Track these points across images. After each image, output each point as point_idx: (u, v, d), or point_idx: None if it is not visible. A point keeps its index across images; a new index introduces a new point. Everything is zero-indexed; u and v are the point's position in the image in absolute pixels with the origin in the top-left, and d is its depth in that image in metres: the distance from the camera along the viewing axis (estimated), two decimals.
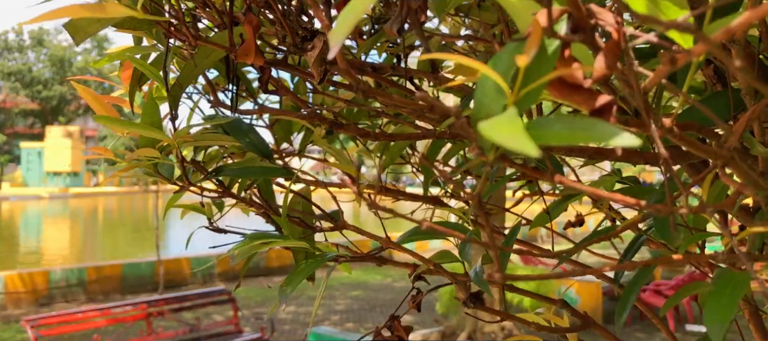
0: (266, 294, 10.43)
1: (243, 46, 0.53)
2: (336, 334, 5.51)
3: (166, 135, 0.64)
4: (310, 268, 0.56)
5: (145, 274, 10.94)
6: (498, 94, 0.27)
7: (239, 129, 0.68)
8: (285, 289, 0.54)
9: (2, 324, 8.57)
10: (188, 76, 0.65)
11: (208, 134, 0.69)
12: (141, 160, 0.67)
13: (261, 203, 0.71)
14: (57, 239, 23.49)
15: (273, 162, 0.68)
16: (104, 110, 0.69)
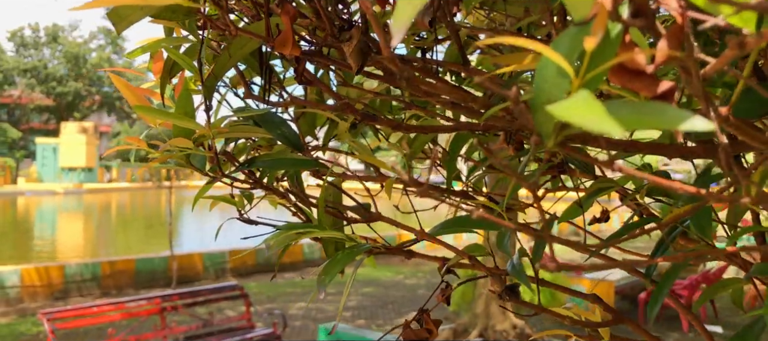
0: (278, 289, 10.47)
1: (280, 36, 0.53)
2: (348, 330, 5.52)
3: (201, 126, 0.64)
4: (348, 258, 0.56)
5: (158, 269, 11.03)
6: (560, 78, 0.26)
7: (271, 121, 0.68)
8: (323, 279, 0.54)
9: (19, 317, 8.69)
10: (223, 67, 0.65)
11: (239, 125, 0.69)
12: (173, 151, 0.67)
13: (298, 194, 0.71)
14: (71, 234, 23.76)
15: (304, 154, 0.68)
16: (139, 101, 0.69)
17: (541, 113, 0.27)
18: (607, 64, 0.26)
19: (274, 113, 0.69)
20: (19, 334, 7.61)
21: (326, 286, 0.58)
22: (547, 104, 0.26)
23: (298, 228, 0.64)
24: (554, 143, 0.27)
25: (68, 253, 17.53)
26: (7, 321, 8.43)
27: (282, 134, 0.67)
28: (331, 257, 0.68)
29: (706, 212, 0.58)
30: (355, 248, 0.56)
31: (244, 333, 5.93)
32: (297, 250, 13.42)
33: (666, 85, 0.26)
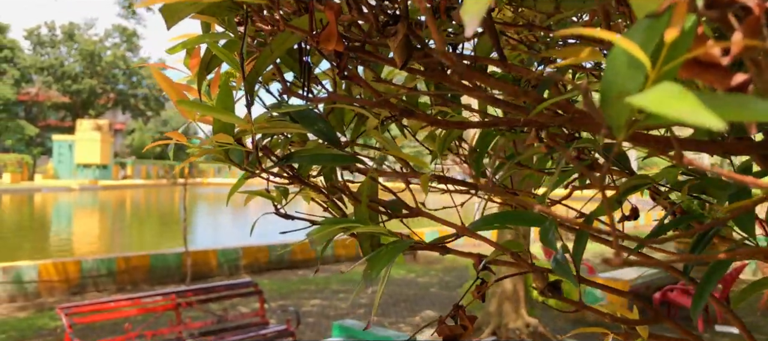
0: (291, 286, 10.52)
1: (325, 31, 0.52)
2: (359, 327, 5.53)
3: (242, 120, 0.64)
4: (393, 253, 0.55)
5: (173, 265, 11.12)
6: (634, 70, 0.26)
7: (308, 117, 0.68)
8: (370, 273, 0.54)
9: (37, 311, 8.81)
10: (264, 63, 0.65)
11: (276, 121, 0.70)
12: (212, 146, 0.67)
13: (341, 189, 0.71)
14: (86, 230, 24.04)
15: (341, 150, 0.68)
16: (179, 96, 0.70)
17: (614, 105, 0.26)
18: (684, 56, 0.25)
19: (311, 109, 0.69)
20: (37, 328, 7.71)
21: (373, 280, 0.57)
22: (619, 96, 0.26)
23: (341, 223, 0.64)
24: (625, 135, 0.27)
25: (83, 249, 17.74)
26: (26, 315, 8.56)
27: (319, 130, 0.67)
28: (366, 253, 0.68)
29: (750, 211, 0.57)
30: (399, 244, 0.56)
31: (258, 329, 5.96)
32: (309, 247, 13.45)
33: (740, 77, 0.26)
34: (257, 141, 0.68)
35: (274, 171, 0.74)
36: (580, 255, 0.51)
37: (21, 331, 7.55)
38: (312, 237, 0.64)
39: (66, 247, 18.41)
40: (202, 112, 0.64)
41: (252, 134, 0.66)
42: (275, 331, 5.89)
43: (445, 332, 0.84)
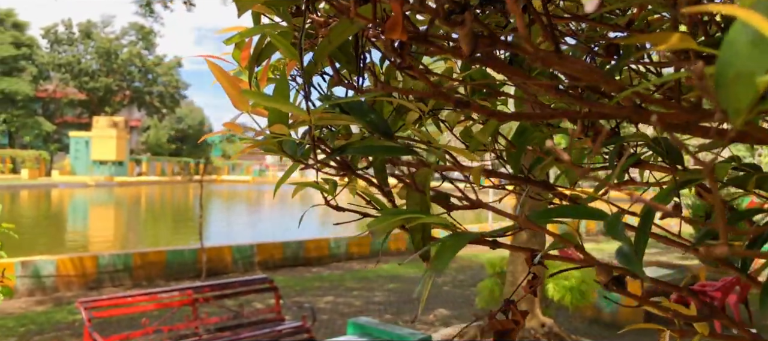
0: (305, 283, 10.56)
1: (390, 20, 0.52)
2: (375, 324, 5.53)
3: (303, 111, 0.64)
4: (459, 244, 0.54)
5: (188, 261, 11.21)
6: (759, 48, 0.25)
7: (359, 109, 0.67)
8: (437, 265, 0.53)
9: (55, 305, 8.92)
10: (322, 53, 0.64)
11: (329, 113, 0.69)
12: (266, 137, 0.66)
13: (404, 180, 0.70)
14: (102, 226, 24.32)
15: (395, 141, 0.67)
16: (232, 87, 0.69)
17: (732, 87, 0.25)
18: None
19: (363, 101, 0.68)
20: (55, 322, 7.82)
21: (442, 271, 0.56)
22: (738, 78, 0.24)
23: (402, 214, 0.62)
24: (743, 121, 0.25)
25: (99, 244, 17.95)
26: (44, 309, 8.67)
27: (371, 122, 0.66)
28: (417, 246, 0.67)
29: None
30: (463, 236, 0.55)
31: (273, 325, 5.98)
32: (324, 245, 13.51)
33: None
34: (313, 132, 0.67)
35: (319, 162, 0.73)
36: (643, 249, 0.50)
37: (39, 325, 7.66)
38: (373, 228, 0.63)
39: (82, 242, 18.64)
40: (266, 103, 0.64)
41: (310, 125, 0.66)
42: (291, 328, 5.90)
43: (497, 327, 0.83)
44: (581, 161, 0.90)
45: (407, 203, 0.68)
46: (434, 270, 0.54)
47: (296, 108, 0.64)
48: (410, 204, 0.68)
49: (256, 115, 0.72)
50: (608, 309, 8.36)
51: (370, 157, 0.75)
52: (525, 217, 0.56)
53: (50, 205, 31.97)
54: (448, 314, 8.62)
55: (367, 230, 0.63)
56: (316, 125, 0.68)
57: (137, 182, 53.49)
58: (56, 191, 41.33)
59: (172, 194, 45.32)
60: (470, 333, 6.94)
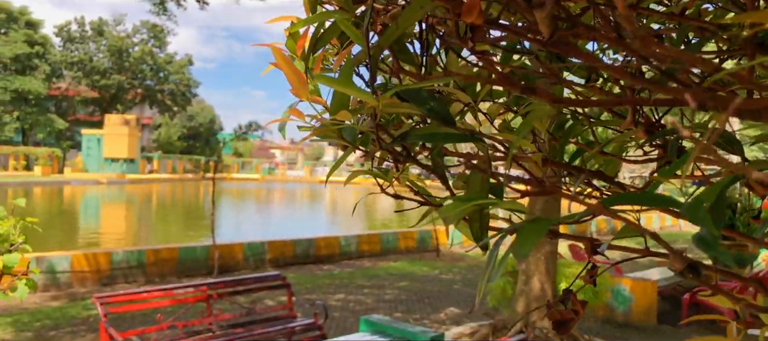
0: (316, 281, 10.60)
1: (467, 4, 0.52)
2: (387, 322, 5.54)
3: (371, 97, 0.65)
4: (542, 229, 0.54)
5: (200, 258, 11.29)
6: None
7: (419, 96, 0.68)
8: (520, 251, 0.52)
9: (69, 300, 9.03)
10: (389, 39, 0.65)
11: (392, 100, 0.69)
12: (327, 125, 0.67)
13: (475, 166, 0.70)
14: (114, 222, 24.53)
15: (456, 128, 0.68)
16: (294, 74, 0.70)
17: None
18: None
19: (422, 89, 0.69)
20: (70, 317, 7.91)
21: (525, 257, 0.56)
22: None
23: (473, 200, 0.63)
24: None
25: (111, 241, 18.11)
26: (59, 304, 8.78)
27: (431, 109, 0.67)
28: (475, 235, 0.68)
29: None
30: (544, 222, 0.55)
31: (286, 322, 6.02)
32: (334, 243, 13.56)
33: None
34: (378, 118, 0.68)
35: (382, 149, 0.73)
36: (719, 233, 0.50)
37: (55, 320, 7.75)
38: (445, 215, 0.64)
39: (94, 239, 18.81)
40: (337, 86, 0.64)
41: (377, 111, 0.66)
42: (303, 324, 5.94)
43: (556, 317, 0.84)
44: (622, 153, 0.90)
45: (469, 188, 0.69)
46: (517, 257, 0.54)
47: (365, 93, 0.65)
48: (472, 190, 0.69)
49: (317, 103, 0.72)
50: (620, 309, 8.33)
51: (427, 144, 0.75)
52: (600, 204, 0.57)
53: (63, 202, 32.28)
54: (459, 312, 8.63)
55: (440, 216, 0.64)
56: (368, 114, 0.69)
57: (148, 180, 53.88)
58: (68, 188, 41.71)
59: (182, 191, 45.60)
60: (482, 332, 6.95)
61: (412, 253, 14.87)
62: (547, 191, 0.69)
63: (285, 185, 61.12)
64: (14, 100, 56.80)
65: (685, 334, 7.78)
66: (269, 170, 78.76)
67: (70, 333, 7.14)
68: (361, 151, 0.73)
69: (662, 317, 8.60)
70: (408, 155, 0.74)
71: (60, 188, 41.42)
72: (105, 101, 65.56)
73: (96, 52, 65.34)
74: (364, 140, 0.72)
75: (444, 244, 15.75)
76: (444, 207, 0.64)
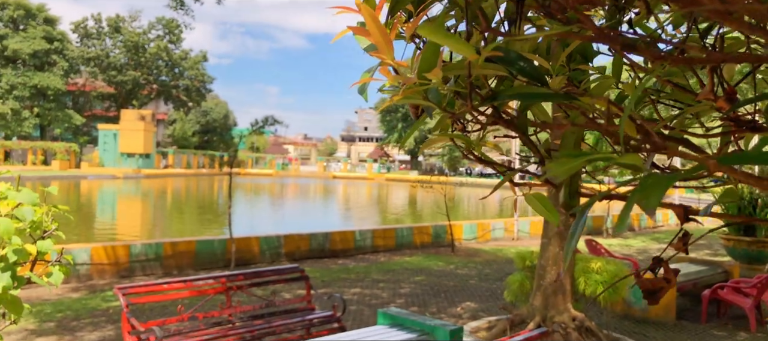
0: (332, 274, 10.64)
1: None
2: (405, 315, 5.54)
3: (473, 51, 0.64)
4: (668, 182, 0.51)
5: (217, 251, 11.38)
6: None
7: (509, 57, 0.67)
8: (648, 203, 0.51)
9: (89, 292, 9.15)
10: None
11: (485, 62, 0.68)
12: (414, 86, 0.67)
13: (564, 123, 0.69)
14: (130, 216, 24.81)
15: (548, 87, 0.67)
16: (382, 34, 0.69)
17: None
18: None
19: (510, 50, 0.68)
20: (90, 309, 8.02)
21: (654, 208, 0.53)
22: None
23: (585, 156, 0.61)
24: None
25: (127, 234, 18.32)
26: (79, 295, 8.90)
27: (522, 69, 0.66)
28: (565, 200, 0.66)
29: None
30: (671, 176, 0.52)
31: (304, 314, 6.05)
32: (349, 237, 13.59)
33: None
34: (471, 77, 0.66)
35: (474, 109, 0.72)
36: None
37: (76, 311, 7.86)
38: (553, 174, 0.62)
39: (111, 232, 19.04)
40: (438, 39, 0.63)
41: (477, 67, 0.65)
42: (321, 317, 5.96)
43: (647, 286, 0.82)
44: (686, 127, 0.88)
45: (562, 147, 0.68)
46: (645, 207, 0.52)
47: (466, 46, 0.63)
48: (566, 148, 0.68)
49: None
50: (639, 305, 8.25)
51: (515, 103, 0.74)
52: (715, 161, 0.55)
53: (80, 196, 32.69)
54: (476, 307, 8.61)
55: (547, 175, 0.62)
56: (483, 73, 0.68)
57: (164, 175, 54.39)
58: (85, 183, 42.24)
59: (197, 186, 45.96)
60: (500, 327, 6.92)
61: (427, 248, 14.87)
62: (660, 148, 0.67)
63: (298, 180, 61.37)
64: (33, 95, 57.62)
65: (704, 330, 7.69)
66: (283, 166, 79.14)
67: (90, 324, 7.24)
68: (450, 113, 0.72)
69: (681, 313, 8.52)
70: (498, 116, 0.73)
71: (77, 182, 41.94)
72: (121, 97, 66.24)
73: (112, 48, 66.01)
74: (449, 102, 0.71)
75: (459, 240, 15.72)
76: (550, 165, 0.63)
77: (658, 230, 22.18)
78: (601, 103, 0.72)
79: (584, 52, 0.75)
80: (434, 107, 0.69)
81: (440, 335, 5.10)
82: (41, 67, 58.74)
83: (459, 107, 0.72)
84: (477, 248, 15.38)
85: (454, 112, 0.72)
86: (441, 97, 0.70)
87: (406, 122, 77.01)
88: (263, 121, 59.49)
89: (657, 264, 0.83)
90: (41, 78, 56.98)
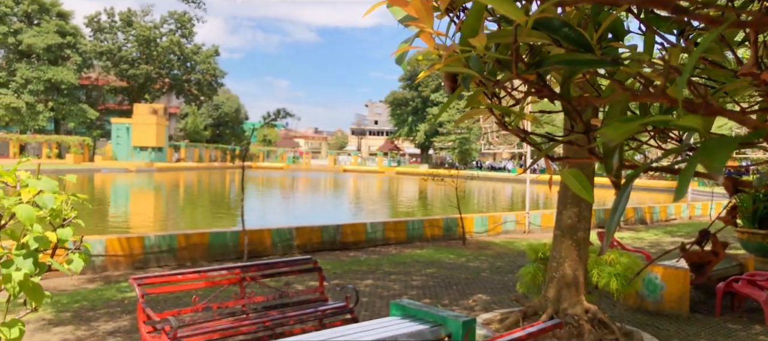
0: (343, 266, 10.68)
1: None
2: (418, 306, 5.55)
3: (521, 12, 0.63)
4: (732, 144, 0.50)
5: (230, 243, 11.46)
6: None
7: (551, 24, 0.66)
8: (713, 164, 0.49)
9: (104, 283, 9.26)
10: None
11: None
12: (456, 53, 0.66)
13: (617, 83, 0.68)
14: (143, 209, 25.04)
15: (594, 54, 0.66)
16: (421, 2, 0.69)
17: None
18: None
19: (552, 18, 0.67)
20: (106, 299, 8.12)
21: (719, 170, 0.51)
22: None
23: (638, 120, 0.60)
24: None
25: (141, 226, 18.49)
26: (95, 286, 9.01)
27: (566, 36, 0.66)
28: (609, 169, 0.65)
29: None
30: (732, 138, 0.51)
31: (317, 305, 6.08)
32: (360, 229, 13.62)
33: None
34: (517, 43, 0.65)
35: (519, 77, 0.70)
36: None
37: (92, 302, 7.96)
38: (607, 137, 0.61)
39: (125, 224, 19.23)
40: (491, 1, 0.62)
41: (524, 28, 0.64)
42: (334, 308, 5.99)
43: (694, 259, 0.80)
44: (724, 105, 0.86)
45: (609, 114, 0.67)
46: (710, 169, 0.51)
47: (514, 8, 0.62)
48: (613, 115, 0.67)
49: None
50: (652, 297, 8.21)
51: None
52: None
53: (94, 189, 33.02)
54: (488, 299, 8.61)
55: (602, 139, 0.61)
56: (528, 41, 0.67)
57: (176, 168, 54.80)
58: (99, 176, 42.66)
59: (209, 179, 46.26)
60: (512, 318, 6.92)
61: (437, 241, 14.87)
62: (717, 112, 0.65)
63: (309, 174, 61.55)
64: (47, 90, 58.21)
65: (719, 323, 7.63)
66: (294, 159, 79.45)
67: (106, 314, 7.33)
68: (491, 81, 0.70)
69: (695, 306, 8.45)
70: (543, 84, 0.72)
71: (91, 175, 42.39)
72: (133, 91, 66.72)
73: (124, 42, 66.43)
74: (491, 71, 0.70)
75: (470, 232, 15.70)
76: (604, 129, 0.61)
77: (671, 224, 21.99)
78: (652, 75, 0.71)
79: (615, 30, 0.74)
80: (475, 75, 0.69)
81: (453, 326, 5.11)
82: (55, 62, 59.28)
83: (501, 76, 0.71)
84: (488, 240, 15.35)
85: (497, 80, 0.71)
86: (482, 65, 0.69)
87: (416, 115, 76.83)
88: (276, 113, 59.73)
89: (704, 236, 0.81)
90: (55, 72, 57.51)
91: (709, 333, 7.14)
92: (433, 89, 74.94)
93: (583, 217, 6.81)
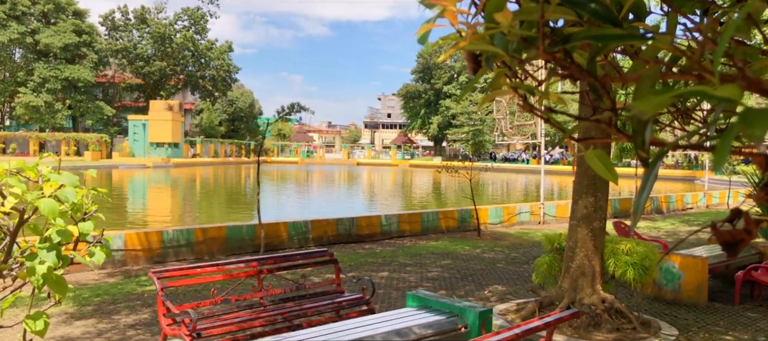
0: (359, 259, 10.73)
1: None
2: (435, 297, 5.57)
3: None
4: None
5: (247, 237, 11.56)
6: None
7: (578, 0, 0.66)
8: (755, 132, 0.49)
9: (124, 277, 9.40)
10: None
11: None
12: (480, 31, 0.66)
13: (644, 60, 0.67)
14: (161, 204, 25.33)
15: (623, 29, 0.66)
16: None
17: None
18: None
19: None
20: (126, 293, 8.25)
21: (760, 139, 0.51)
22: None
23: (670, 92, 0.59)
24: None
25: (159, 221, 18.72)
26: (115, 280, 9.16)
27: (594, 10, 0.66)
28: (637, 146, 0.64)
29: None
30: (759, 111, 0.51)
31: (334, 297, 6.12)
32: (375, 222, 13.66)
33: None
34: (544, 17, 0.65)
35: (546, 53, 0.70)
36: None
37: (112, 295, 8.10)
38: (639, 110, 0.60)
39: (143, 219, 19.49)
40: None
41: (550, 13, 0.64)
42: (351, 299, 6.03)
43: (726, 237, 0.78)
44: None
45: (636, 93, 0.67)
46: (751, 138, 0.50)
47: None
48: (642, 91, 0.66)
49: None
50: (669, 286, 8.14)
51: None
52: None
53: (112, 184, 33.46)
54: (504, 289, 8.60)
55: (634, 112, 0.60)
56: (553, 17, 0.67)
57: (192, 163, 55.31)
58: (117, 172, 43.20)
59: (225, 174, 46.62)
60: (529, 308, 6.90)
61: (452, 232, 14.86)
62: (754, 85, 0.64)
63: (324, 168, 61.75)
64: (65, 88, 59.03)
65: (738, 312, 7.54)
66: (308, 153, 79.76)
67: (126, 308, 7.45)
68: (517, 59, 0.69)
69: (714, 295, 8.37)
70: (571, 61, 0.72)
71: (109, 172, 42.93)
72: (149, 88, 67.33)
73: (139, 39, 66.99)
74: (517, 48, 0.70)
75: (485, 224, 15.67)
76: (636, 102, 0.61)
77: (688, 213, 21.73)
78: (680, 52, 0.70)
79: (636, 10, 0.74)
80: (500, 53, 0.69)
81: (469, 316, 5.12)
82: (72, 60, 60.05)
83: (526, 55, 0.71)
84: (503, 232, 15.31)
85: (523, 58, 0.71)
86: (507, 43, 0.69)
87: (429, 107, 76.60)
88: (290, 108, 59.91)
89: (736, 215, 0.79)
90: (72, 71, 58.27)
91: (728, 322, 7.07)
92: (445, 82, 74.61)
93: (599, 207, 6.76)
